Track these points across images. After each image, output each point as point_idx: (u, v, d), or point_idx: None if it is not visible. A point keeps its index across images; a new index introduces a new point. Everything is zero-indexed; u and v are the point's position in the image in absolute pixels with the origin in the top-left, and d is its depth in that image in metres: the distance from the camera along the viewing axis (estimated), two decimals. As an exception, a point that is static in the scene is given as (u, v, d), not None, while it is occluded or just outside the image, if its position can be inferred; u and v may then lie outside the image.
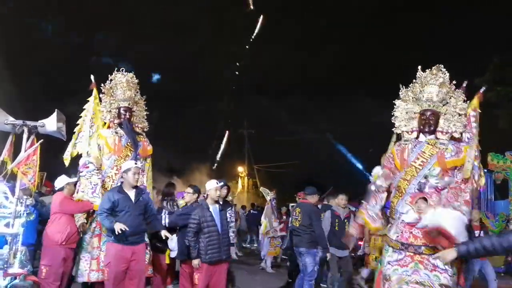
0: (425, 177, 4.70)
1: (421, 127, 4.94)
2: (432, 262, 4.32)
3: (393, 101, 5.24)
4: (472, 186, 4.67)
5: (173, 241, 6.11)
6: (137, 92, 6.44)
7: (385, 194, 4.95)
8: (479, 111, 5.00)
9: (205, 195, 6.15)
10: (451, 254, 3.45)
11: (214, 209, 5.92)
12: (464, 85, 5.08)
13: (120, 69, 6.33)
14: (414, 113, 5.05)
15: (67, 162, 6.27)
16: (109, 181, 6.12)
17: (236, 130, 31.11)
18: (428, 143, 4.83)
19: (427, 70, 4.99)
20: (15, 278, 4.93)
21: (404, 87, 5.20)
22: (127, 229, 5.12)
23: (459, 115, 4.90)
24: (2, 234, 4.94)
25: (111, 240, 5.36)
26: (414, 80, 5.11)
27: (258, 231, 14.98)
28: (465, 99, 4.96)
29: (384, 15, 28.73)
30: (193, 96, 29.92)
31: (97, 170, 5.99)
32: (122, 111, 6.22)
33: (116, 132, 6.17)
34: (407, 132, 5.05)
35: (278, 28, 32.72)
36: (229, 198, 12.76)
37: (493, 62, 16.77)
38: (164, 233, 5.62)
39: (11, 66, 16.92)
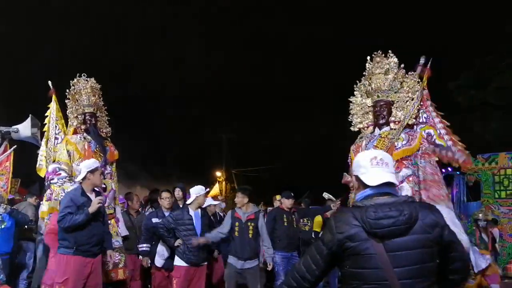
0: None
1: (375, 120, 4.71)
2: None
3: (349, 99, 4.99)
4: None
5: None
6: (100, 98, 6.42)
7: None
8: (425, 88, 4.74)
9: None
10: None
11: (195, 213, 5.95)
12: (421, 62, 4.79)
13: (82, 75, 6.28)
14: (368, 107, 4.81)
15: (42, 173, 6.17)
16: None
17: (214, 134, 30.95)
18: (381, 136, 4.58)
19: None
20: (-13, 287, 4.83)
21: (358, 82, 5.00)
22: (104, 196, 4.87)
23: (412, 99, 4.62)
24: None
25: (70, 252, 4.68)
26: (364, 73, 4.89)
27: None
28: (418, 80, 4.71)
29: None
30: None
31: (69, 176, 5.87)
32: (87, 117, 6.16)
33: (85, 138, 6.10)
34: (363, 128, 4.83)
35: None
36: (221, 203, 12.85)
37: (466, 66, 17.13)
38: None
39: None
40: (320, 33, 29.51)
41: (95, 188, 5.02)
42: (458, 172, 12.42)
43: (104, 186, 5.36)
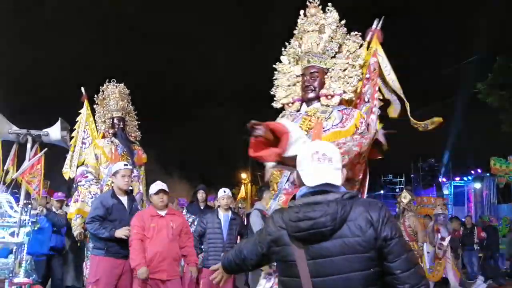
0: None
1: (303, 93, 3.56)
2: None
3: (274, 65, 3.85)
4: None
5: None
6: (129, 103, 6.58)
7: None
8: (381, 55, 3.59)
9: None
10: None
11: (224, 216, 6.04)
12: (375, 25, 3.70)
13: (111, 80, 6.43)
14: (296, 76, 3.69)
15: (67, 176, 6.34)
16: (107, 189, 6.17)
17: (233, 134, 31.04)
18: (307, 115, 3.46)
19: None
20: (21, 288, 4.94)
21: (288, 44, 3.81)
22: (129, 234, 4.79)
23: (353, 66, 3.51)
24: (7, 243, 4.97)
25: (102, 253, 4.84)
26: (294, 32, 3.71)
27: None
28: (362, 43, 3.63)
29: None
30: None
31: (96, 179, 6.06)
32: (115, 121, 6.34)
33: (112, 142, 6.26)
34: (288, 104, 3.69)
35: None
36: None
37: (495, 65, 16.71)
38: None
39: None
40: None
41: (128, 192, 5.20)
42: (488, 174, 12.14)
43: (131, 188, 5.45)
